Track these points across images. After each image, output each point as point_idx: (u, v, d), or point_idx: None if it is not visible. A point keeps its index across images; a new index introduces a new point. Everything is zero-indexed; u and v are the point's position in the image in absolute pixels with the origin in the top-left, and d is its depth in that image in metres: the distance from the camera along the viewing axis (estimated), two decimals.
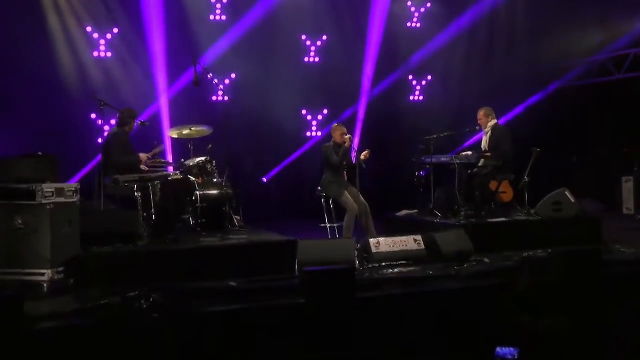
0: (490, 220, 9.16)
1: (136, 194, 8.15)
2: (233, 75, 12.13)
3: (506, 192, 9.94)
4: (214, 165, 9.02)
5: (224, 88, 11.55)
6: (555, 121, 12.84)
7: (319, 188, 9.46)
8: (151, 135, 10.13)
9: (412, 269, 7.81)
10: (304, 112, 12.84)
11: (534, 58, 13.00)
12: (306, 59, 12.67)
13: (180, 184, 8.32)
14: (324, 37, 12.66)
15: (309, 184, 11.29)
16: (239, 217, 9.06)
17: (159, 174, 8.46)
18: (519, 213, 9.56)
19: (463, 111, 12.21)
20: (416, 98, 13.63)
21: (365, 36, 12.52)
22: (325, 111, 12.88)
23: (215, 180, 8.88)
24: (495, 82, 12.81)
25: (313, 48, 12.67)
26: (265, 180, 12.56)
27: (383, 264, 7.95)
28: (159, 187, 8.08)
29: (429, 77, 13.61)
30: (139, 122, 8.75)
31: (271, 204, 12.24)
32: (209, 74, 11.43)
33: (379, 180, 12.73)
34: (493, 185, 9.66)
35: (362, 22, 12.56)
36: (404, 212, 10.23)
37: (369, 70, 12.64)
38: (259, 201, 11.74)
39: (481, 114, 9.82)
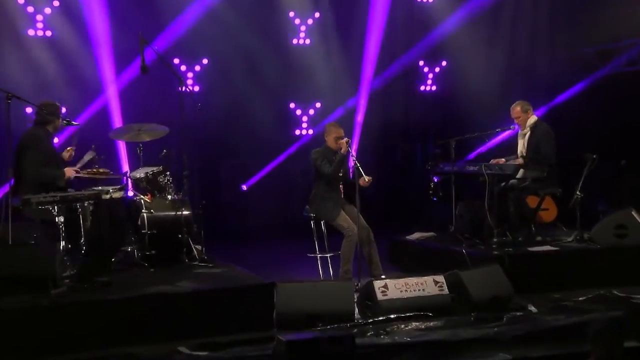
0: (531, 248, 7.66)
1: (57, 219, 6.50)
2: (204, 61, 11.07)
3: (548, 210, 8.60)
4: (169, 177, 7.65)
5: (193, 76, 10.86)
6: (598, 117, 11.32)
7: (307, 207, 7.84)
8: (94, 138, 8.20)
9: (432, 323, 6.29)
10: (292, 105, 11.87)
11: (572, 40, 11.76)
12: (295, 41, 11.63)
13: (121, 204, 7.05)
14: (316, 15, 11.65)
15: (299, 194, 10.65)
16: (200, 247, 7.44)
17: (91, 191, 6.72)
18: (568, 238, 8.07)
19: (484, 105, 11.35)
20: (428, 88, 12.54)
21: (367, 13, 11.58)
22: (318, 105, 11.88)
23: (169, 197, 7.54)
24: (522, 70, 11.89)
25: (303, 27, 11.64)
26: (244, 187, 11.58)
27: (392, 317, 6.39)
28: (91, 209, 6.64)
29: (444, 63, 12.46)
30: (63, 121, 6.88)
31: (252, 217, 11.27)
32: (174, 58, 10.16)
33: (383, 192, 11.58)
34: (533, 201, 8.20)
35: None
36: (416, 235, 8.79)
37: (371, 54, 11.62)
38: (236, 214, 11.18)
39: (517, 109, 8.22)
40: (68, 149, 7.28)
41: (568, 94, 11.70)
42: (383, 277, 7.17)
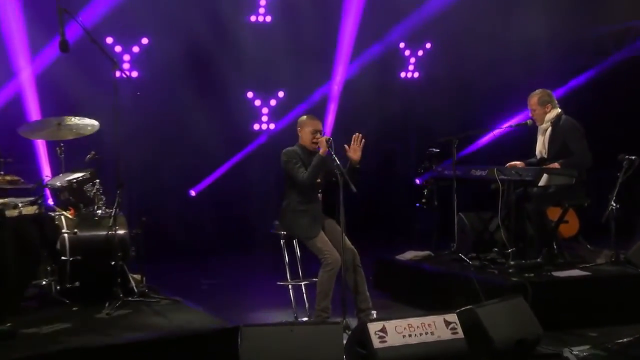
0: (558, 273, 6.80)
1: None
2: (144, 41, 10.48)
3: (568, 222, 7.82)
4: (98, 186, 6.77)
5: (130, 59, 10.34)
6: (609, 109, 11.15)
7: (277, 222, 6.88)
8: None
9: None
10: (249, 95, 11.43)
11: (585, 17, 11.56)
12: (253, 18, 11.19)
13: (33, 223, 5.98)
14: None
15: (259, 201, 10.74)
16: (139, 277, 6.56)
17: None
18: (598, 259, 7.35)
19: (476, 95, 11.46)
20: (409, 75, 12.31)
21: None
22: (281, 94, 11.52)
23: (99, 212, 6.67)
24: (526, 53, 11.48)
25: (263, 2, 11.20)
26: (193, 193, 11.11)
27: None
28: None
29: (428, 46, 12.22)
30: None
31: (203, 230, 10.78)
32: (107, 37, 9.71)
33: (358, 197, 10.48)
34: (554, 213, 7.40)
35: None
36: (409, 255, 7.93)
37: (347, 35, 11.20)
38: (184, 227, 10.57)
39: (534, 100, 7.42)
40: None
41: (576, 82, 11.63)
42: (373, 312, 6.47)
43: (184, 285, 7.76)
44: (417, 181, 12.02)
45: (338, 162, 6.32)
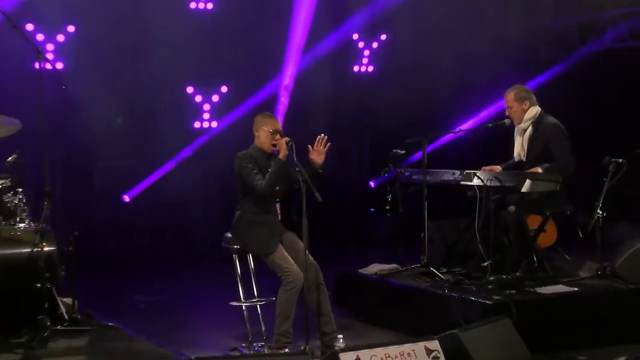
0: (542, 290, 6.50)
1: None
2: (70, 29, 10.17)
3: (546, 231, 7.45)
4: (20, 195, 6.36)
5: (54, 49, 10.06)
6: (578, 106, 10.97)
7: (228, 235, 6.41)
8: None
9: None
10: (189, 90, 11.21)
11: (553, 8, 11.63)
12: (193, 5, 10.96)
13: None
14: None
15: (200, 207, 10.65)
16: (70, 300, 6.08)
17: None
18: (582, 272, 7.09)
19: (438, 90, 11.20)
20: (363, 69, 12.22)
21: None
22: (224, 89, 11.31)
23: (21, 226, 6.23)
24: (488, 46, 11.30)
25: None
26: (127, 199, 10.94)
27: None
28: None
29: (383, 37, 12.07)
30: None
31: (139, 240, 10.65)
32: (27, 23, 9.41)
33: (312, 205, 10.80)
34: (533, 222, 7.14)
35: None
36: (374, 268, 7.50)
37: (299, 25, 11.00)
38: (117, 236, 10.46)
39: (510, 96, 7.10)
40: None
41: (542, 78, 11.52)
42: (339, 337, 6.07)
43: (120, 306, 7.53)
44: (372, 184, 12.04)
45: (301, 168, 5.92)
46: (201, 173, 10.79)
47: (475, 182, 6.71)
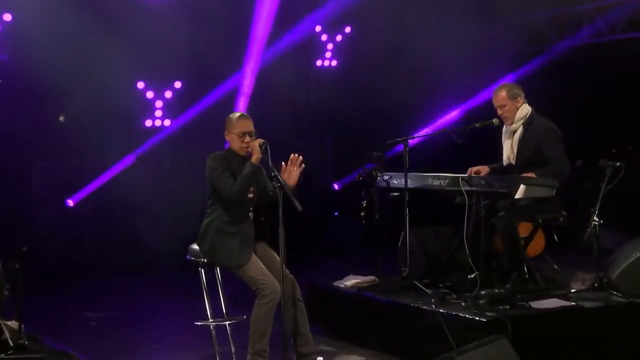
0: (537, 304, 6.25)
1: None
2: (7, 17, 9.96)
3: (533, 239, 7.21)
4: None
5: None
6: (552, 105, 10.38)
7: (195, 246, 6.09)
8: None
9: None
10: (140, 85, 11.03)
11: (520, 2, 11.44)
12: None
13: None
14: None
15: (152, 211, 10.41)
16: (16, 324, 5.64)
17: None
18: (574, 284, 6.91)
19: (405, 86, 11.01)
20: (326, 63, 12.18)
21: None
22: (179, 84, 11.14)
23: None
24: (459, 39, 11.22)
25: None
26: (71, 203, 10.72)
27: None
28: None
29: (347, 30, 12.07)
30: None
31: (87, 249, 10.57)
32: None
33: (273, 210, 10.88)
34: (524, 229, 6.91)
35: None
36: (350, 281, 7.21)
37: (263, 16, 10.74)
38: (61, 245, 10.33)
39: (502, 94, 6.81)
40: None
41: (517, 73, 11.53)
42: (319, 359, 6.03)
43: (68, 325, 7.31)
44: (336, 186, 11.89)
45: (277, 173, 5.68)
46: (153, 175, 10.71)
47: (464, 187, 6.44)
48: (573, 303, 6.31)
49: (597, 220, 6.50)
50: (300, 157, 5.98)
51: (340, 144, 11.85)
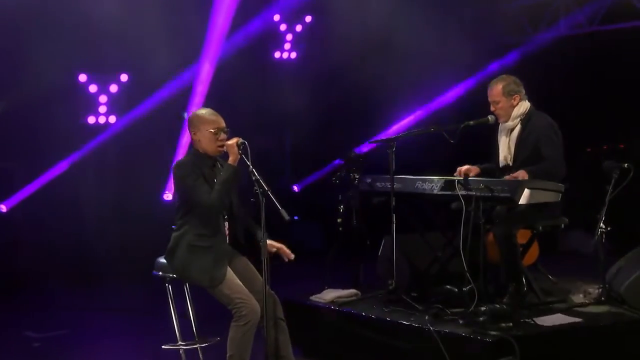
0: (541, 321, 5.98)
1: None
2: None
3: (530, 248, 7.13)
4: None
5: None
6: (530, 98, 10.74)
7: (162, 259, 5.80)
8: None
9: None
10: (82, 78, 10.85)
11: None
12: None
13: None
14: None
15: (96, 216, 10.34)
16: None
17: None
18: (575, 296, 6.71)
19: (371, 80, 10.99)
20: (285, 55, 12.12)
21: None
22: (125, 77, 10.98)
23: None
24: (428, 31, 10.89)
25: None
26: (4, 208, 10.59)
27: None
28: None
29: (308, 19, 11.96)
30: None
31: (20, 257, 10.30)
32: None
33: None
34: (522, 237, 6.70)
35: None
36: (329, 295, 6.88)
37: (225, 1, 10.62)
38: None
39: (497, 89, 6.58)
40: None
41: (494, 66, 11.47)
42: None
43: (7, 347, 7.08)
44: (295, 188, 11.88)
45: (258, 177, 5.44)
46: (97, 178, 10.53)
47: (461, 191, 6.14)
48: (580, 319, 6.07)
49: (603, 227, 6.37)
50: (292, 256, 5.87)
51: (300, 142, 11.73)
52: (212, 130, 5.57)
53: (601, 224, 6.37)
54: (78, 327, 7.93)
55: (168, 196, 10.72)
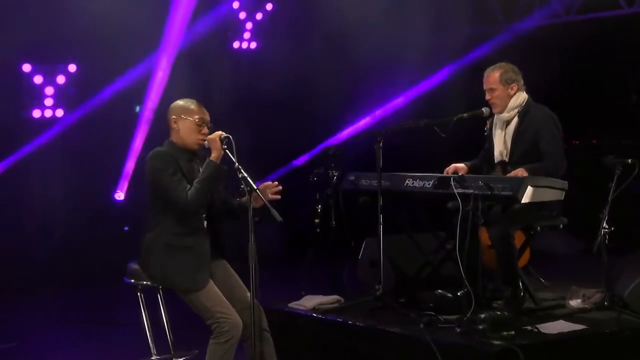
0: (545, 329, 5.85)
1: None
2: None
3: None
4: None
5: None
6: None
7: (134, 265, 5.52)
8: None
9: None
10: (26, 68, 10.74)
11: None
12: None
13: None
14: None
15: (42, 220, 10.31)
16: None
17: None
18: (572, 300, 6.52)
19: (338, 73, 11.14)
20: (245, 45, 11.98)
21: None
22: (73, 67, 10.81)
23: None
24: (398, 18, 11.05)
25: None
26: None
27: None
28: None
29: (269, 7, 11.86)
30: None
31: None
32: None
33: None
34: (519, 238, 6.57)
35: None
36: (310, 302, 6.70)
37: None
38: None
39: (494, 76, 6.45)
40: None
41: (467, 58, 11.51)
42: None
43: None
44: (256, 184, 11.46)
45: (244, 174, 5.19)
46: (42, 177, 10.40)
47: (458, 190, 5.96)
48: (584, 326, 5.94)
49: (606, 227, 6.21)
50: (280, 187, 5.50)
51: (260, 138, 11.45)
52: (197, 121, 5.33)
53: (604, 224, 6.19)
54: (34, 338, 7.59)
55: (120, 196, 10.47)
